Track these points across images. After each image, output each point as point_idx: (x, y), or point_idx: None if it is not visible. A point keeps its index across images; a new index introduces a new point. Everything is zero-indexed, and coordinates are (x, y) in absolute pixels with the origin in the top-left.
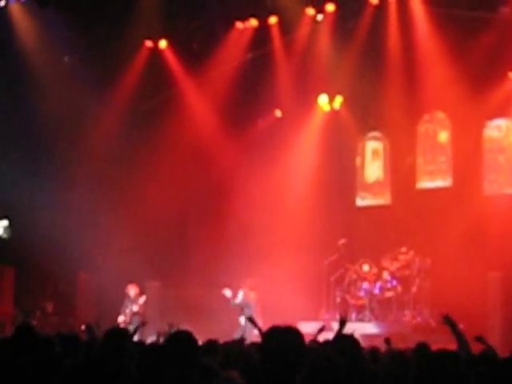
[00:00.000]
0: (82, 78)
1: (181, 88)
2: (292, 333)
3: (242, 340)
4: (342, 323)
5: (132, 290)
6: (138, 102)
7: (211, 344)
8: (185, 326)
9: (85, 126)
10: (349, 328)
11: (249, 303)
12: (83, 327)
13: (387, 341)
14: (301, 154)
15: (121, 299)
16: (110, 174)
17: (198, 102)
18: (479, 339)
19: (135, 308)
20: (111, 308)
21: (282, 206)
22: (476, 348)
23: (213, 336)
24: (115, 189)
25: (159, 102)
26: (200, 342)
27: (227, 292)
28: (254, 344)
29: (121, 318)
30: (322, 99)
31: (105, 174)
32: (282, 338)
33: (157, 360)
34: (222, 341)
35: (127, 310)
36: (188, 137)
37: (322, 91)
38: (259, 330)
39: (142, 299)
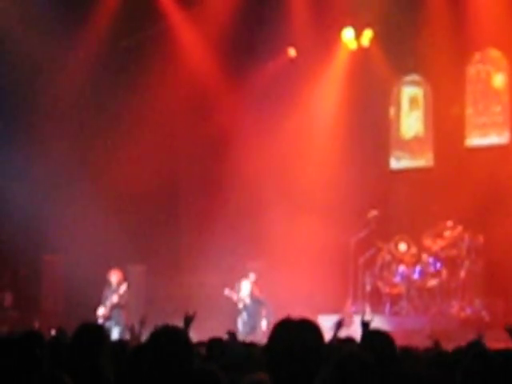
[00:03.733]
0: (44, 15)
1: (169, 22)
2: (307, 327)
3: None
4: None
5: (114, 277)
6: (116, 39)
7: (214, 343)
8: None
9: (49, 73)
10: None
11: (261, 300)
12: (53, 332)
13: (436, 342)
14: (320, 104)
15: (96, 288)
16: (81, 131)
17: (191, 39)
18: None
19: (115, 299)
20: (84, 299)
21: (297, 171)
22: None
23: (209, 334)
24: (88, 151)
25: (142, 39)
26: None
27: (228, 292)
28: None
29: (100, 311)
30: (347, 34)
31: (74, 132)
32: (295, 333)
33: (139, 364)
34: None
35: (108, 302)
36: (179, 84)
37: (347, 24)
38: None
39: (123, 288)
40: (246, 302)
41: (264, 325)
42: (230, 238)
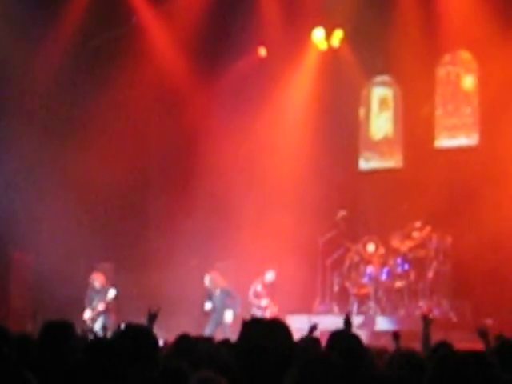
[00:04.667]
0: (13, 13)
1: (140, 20)
2: (277, 326)
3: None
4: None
5: (96, 280)
6: (85, 38)
7: (183, 341)
8: (144, 319)
9: (19, 71)
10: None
11: (228, 290)
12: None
13: (396, 336)
14: (290, 104)
15: (65, 285)
16: (51, 128)
17: (162, 38)
18: (482, 333)
19: (101, 306)
20: (53, 297)
21: (267, 171)
22: None
23: (177, 331)
24: (58, 148)
25: (112, 37)
26: (161, 340)
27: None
28: (225, 342)
29: (87, 314)
30: (317, 34)
31: (44, 129)
32: (264, 332)
33: (105, 361)
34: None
35: (94, 304)
36: (149, 81)
37: (318, 24)
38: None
39: (112, 293)
40: (213, 293)
41: (229, 317)
42: (199, 236)
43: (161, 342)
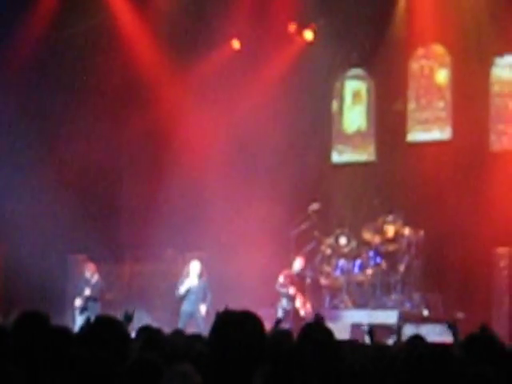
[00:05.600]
0: None
1: (112, 11)
2: (250, 318)
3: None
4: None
5: (87, 270)
6: (57, 29)
7: (154, 334)
8: (116, 312)
9: None
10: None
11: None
12: None
13: (371, 332)
14: (262, 96)
15: (36, 277)
16: (22, 120)
17: (135, 29)
18: (484, 330)
19: (87, 292)
20: (25, 288)
21: (239, 162)
22: None
23: (151, 324)
24: (30, 140)
25: (84, 29)
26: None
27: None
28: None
29: (77, 302)
30: (291, 27)
31: (14, 121)
32: (237, 324)
33: (74, 352)
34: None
35: (83, 293)
36: (121, 73)
37: (292, 17)
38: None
39: (95, 279)
40: (192, 283)
41: (203, 310)
42: (172, 228)
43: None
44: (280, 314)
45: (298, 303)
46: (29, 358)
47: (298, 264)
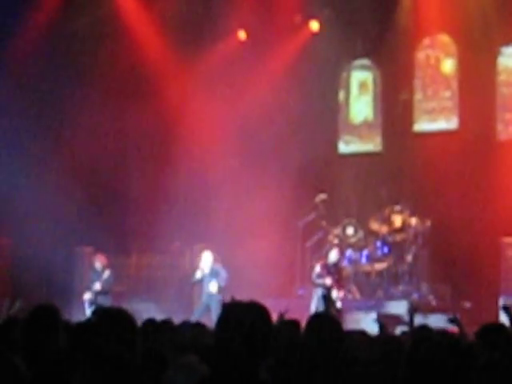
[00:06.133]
0: None
1: (117, 3)
2: (257, 309)
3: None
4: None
5: (98, 262)
6: (62, 21)
7: (165, 324)
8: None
9: None
10: None
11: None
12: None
13: (381, 325)
14: (269, 86)
15: (42, 269)
16: (28, 113)
17: (140, 21)
18: (453, 320)
19: (97, 286)
20: (31, 281)
21: (246, 153)
22: None
23: (160, 316)
24: (35, 132)
25: (90, 21)
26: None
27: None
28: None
29: (86, 295)
30: (298, 17)
31: (20, 114)
32: (244, 315)
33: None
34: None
35: (93, 287)
36: (126, 66)
37: (298, 7)
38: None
39: (107, 273)
40: (204, 273)
41: (214, 287)
42: (179, 220)
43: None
44: (313, 305)
45: (335, 294)
46: (39, 352)
47: (333, 254)
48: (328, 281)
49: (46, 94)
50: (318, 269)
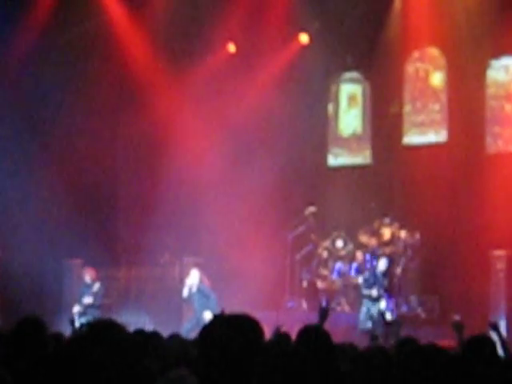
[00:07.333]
0: None
1: (108, 15)
2: (247, 322)
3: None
4: (323, 314)
5: (87, 276)
6: (51, 32)
7: (148, 338)
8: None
9: None
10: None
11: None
12: None
13: (374, 336)
14: (258, 99)
15: (31, 282)
16: (20, 125)
17: (130, 33)
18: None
19: (88, 299)
20: (20, 294)
21: (235, 166)
22: None
23: (149, 328)
24: (26, 144)
25: (80, 33)
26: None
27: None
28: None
29: (76, 308)
30: (287, 30)
31: (11, 126)
32: (234, 328)
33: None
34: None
35: (83, 300)
36: (117, 77)
37: (287, 20)
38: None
39: (96, 286)
40: (192, 291)
41: (208, 316)
42: (169, 232)
43: None
44: (362, 317)
45: (383, 306)
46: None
47: (382, 263)
48: (374, 292)
49: (34, 105)
50: (365, 277)
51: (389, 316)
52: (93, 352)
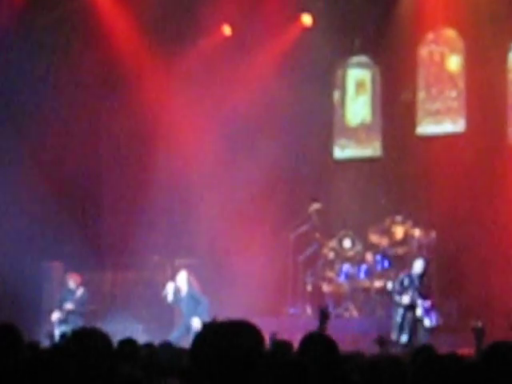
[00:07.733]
0: None
1: None
2: (246, 329)
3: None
4: (324, 317)
5: (71, 282)
6: (30, 15)
7: (129, 345)
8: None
9: None
10: None
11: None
12: None
13: (380, 341)
14: (257, 86)
15: (10, 286)
16: None
17: (114, 13)
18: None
19: (69, 305)
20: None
21: (231, 160)
22: None
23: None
24: (4, 140)
25: (61, 15)
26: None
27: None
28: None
29: (55, 315)
30: (288, 11)
31: None
32: (231, 336)
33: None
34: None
35: (64, 306)
36: (101, 62)
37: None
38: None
39: (80, 292)
40: (181, 295)
41: (197, 323)
42: (159, 233)
43: None
44: (394, 328)
45: (419, 312)
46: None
47: (418, 265)
48: (406, 299)
49: (12, 97)
50: (395, 284)
51: (427, 323)
52: (69, 364)
